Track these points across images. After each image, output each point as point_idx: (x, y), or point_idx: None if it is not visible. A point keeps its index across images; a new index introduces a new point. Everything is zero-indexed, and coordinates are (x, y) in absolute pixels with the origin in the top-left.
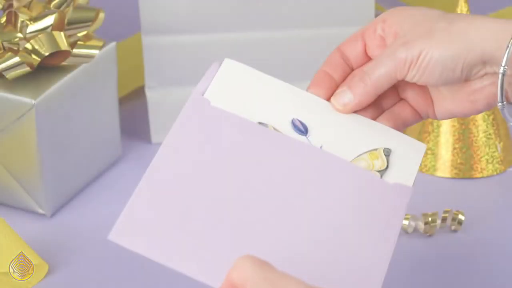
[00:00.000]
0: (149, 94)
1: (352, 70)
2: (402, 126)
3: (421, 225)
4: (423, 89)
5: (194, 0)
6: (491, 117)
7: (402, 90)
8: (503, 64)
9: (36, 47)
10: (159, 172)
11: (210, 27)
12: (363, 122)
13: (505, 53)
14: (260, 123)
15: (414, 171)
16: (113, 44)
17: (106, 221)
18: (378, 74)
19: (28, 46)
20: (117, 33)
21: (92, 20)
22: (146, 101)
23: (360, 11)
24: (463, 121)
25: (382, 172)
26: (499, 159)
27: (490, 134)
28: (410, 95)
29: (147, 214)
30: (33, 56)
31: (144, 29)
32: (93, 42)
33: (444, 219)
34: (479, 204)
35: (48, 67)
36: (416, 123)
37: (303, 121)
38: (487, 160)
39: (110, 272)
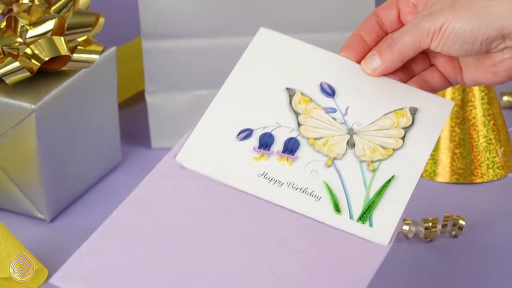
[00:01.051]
0: (149, 99)
1: (386, 34)
2: (430, 91)
3: (421, 231)
4: (451, 56)
5: (194, 5)
6: (492, 122)
7: (433, 57)
8: None
9: (36, 52)
10: (119, 222)
11: (210, 32)
12: (392, 84)
13: None
14: (287, 88)
15: (439, 128)
16: (113, 49)
17: None
18: (404, 43)
19: (28, 51)
20: (117, 38)
21: (92, 25)
22: (146, 106)
23: (360, 16)
24: (463, 127)
25: (406, 129)
26: (499, 164)
27: (490, 139)
28: (440, 61)
29: (97, 260)
30: (33, 61)
31: (144, 33)
32: (93, 47)
33: (444, 225)
34: (479, 210)
35: (48, 72)
36: (445, 89)
37: (331, 84)
38: (487, 165)
39: None
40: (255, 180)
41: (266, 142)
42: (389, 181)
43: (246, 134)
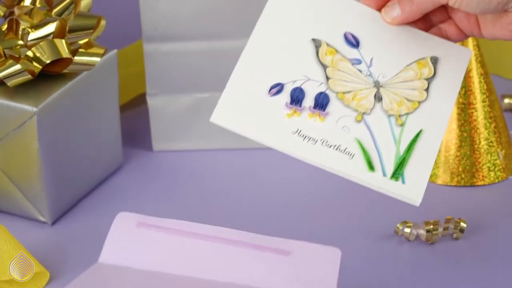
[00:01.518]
0: (151, 101)
1: None
2: None
3: (423, 233)
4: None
5: (195, 8)
6: (493, 124)
7: (451, 11)
8: None
9: (38, 54)
10: None
11: (211, 34)
12: (411, 32)
13: None
14: (313, 39)
15: (460, 78)
16: (114, 52)
17: (107, 229)
18: None
19: (30, 53)
20: (118, 41)
21: (94, 27)
22: (147, 109)
23: None
24: (465, 129)
25: (429, 80)
26: (500, 167)
27: (491, 141)
28: (458, 16)
29: None
30: (35, 63)
31: (146, 36)
32: (94, 50)
33: (446, 227)
34: (481, 212)
35: (49, 75)
36: (461, 41)
37: (355, 34)
38: (488, 167)
39: None
40: (290, 138)
41: (297, 97)
42: (417, 135)
43: (277, 89)
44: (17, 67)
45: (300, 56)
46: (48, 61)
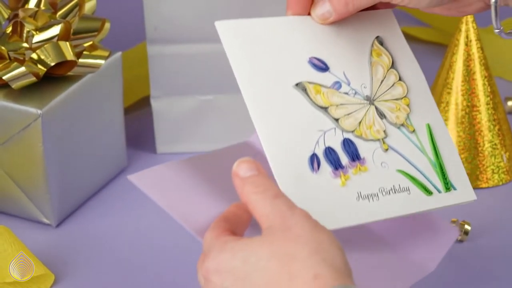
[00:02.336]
0: (155, 104)
1: None
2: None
3: None
4: None
5: (199, 10)
6: (497, 127)
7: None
8: None
9: (42, 57)
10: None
11: (216, 37)
12: (348, 22)
13: None
14: (296, 85)
15: (404, 43)
16: (118, 54)
17: (112, 231)
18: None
19: (34, 56)
20: (123, 43)
21: (98, 30)
22: (151, 111)
23: None
24: (469, 132)
25: (394, 66)
26: (504, 169)
27: (495, 144)
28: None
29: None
30: (39, 66)
31: (149, 38)
32: (98, 52)
33: None
34: (485, 215)
35: (54, 77)
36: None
37: (316, 55)
38: (492, 170)
39: (116, 282)
40: (358, 207)
41: (334, 159)
42: (430, 134)
43: (317, 161)
44: (22, 69)
45: (298, 109)
46: (52, 64)
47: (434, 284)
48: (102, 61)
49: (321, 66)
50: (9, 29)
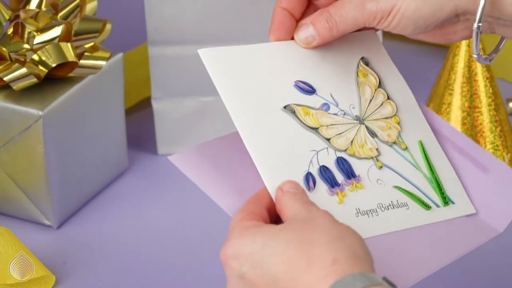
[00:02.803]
0: (156, 105)
1: (313, 5)
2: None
3: None
4: None
5: (200, 11)
6: (499, 128)
7: None
8: (476, 21)
9: (43, 58)
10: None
11: (216, 38)
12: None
13: (478, 10)
14: (284, 107)
15: (390, 63)
16: (120, 55)
17: (113, 232)
18: (345, 23)
19: (35, 57)
20: (124, 44)
21: (99, 31)
22: (152, 112)
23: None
24: (470, 133)
25: (381, 86)
26: None
27: (497, 145)
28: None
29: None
30: (40, 67)
31: (151, 40)
32: (100, 53)
33: None
34: None
35: (55, 78)
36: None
37: (301, 79)
38: None
39: (117, 283)
40: (358, 223)
41: (329, 177)
42: (423, 150)
43: (313, 180)
44: (23, 70)
45: (289, 130)
46: (53, 65)
47: (437, 285)
48: (103, 62)
49: (308, 89)
50: (10, 30)
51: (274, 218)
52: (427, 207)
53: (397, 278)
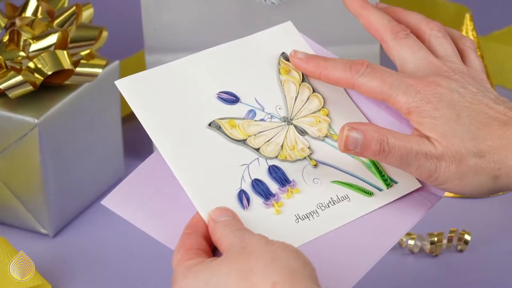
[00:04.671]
0: None
1: None
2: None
3: (427, 245)
4: None
5: (197, 19)
6: None
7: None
8: None
9: (39, 66)
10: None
11: (213, 45)
12: (244, 42)
13: None
14: (208, 125)
15: (308, 48)
16: (116, 63)
17: (109, 241)
18: (399, 153)
19: (31, 65)
20: (120, 52)
21: (95, 38)
22: None
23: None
24: None
25: (304, 80)
26: None
27: None
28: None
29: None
30: (36, 75)
31: (148, 47)
32: (96, 61)
33: (450, 239)
34: (485, 224)
35: (51, 86)
36: None
37: (225, 89)
38: None
39: None
40: (298, 229)
41: (263, 190)
42: None
43: (246, 197)
44: (19, 78)
45: (216, 148)
46: (49, 73)
47: None
48: (99, 70)
49: (231, 99)
50: (6, 38)
51: (213, 244)
52: (369, 194)
53: (346, 273)
